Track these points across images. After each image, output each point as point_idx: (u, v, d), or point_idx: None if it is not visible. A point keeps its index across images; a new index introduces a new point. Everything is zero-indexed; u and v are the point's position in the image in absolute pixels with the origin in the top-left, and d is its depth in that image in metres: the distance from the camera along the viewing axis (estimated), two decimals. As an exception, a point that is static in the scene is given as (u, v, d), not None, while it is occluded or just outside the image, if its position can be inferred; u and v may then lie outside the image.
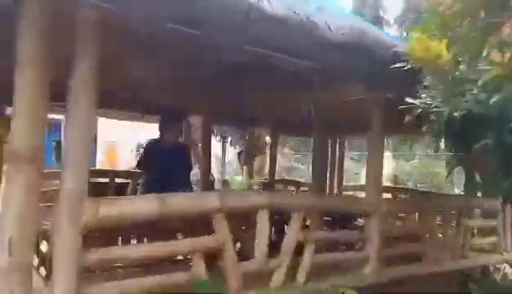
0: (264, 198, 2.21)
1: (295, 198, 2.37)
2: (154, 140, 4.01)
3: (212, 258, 2.10)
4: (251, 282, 2.18)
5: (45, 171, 1.68)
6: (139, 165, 3.92)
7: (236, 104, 5.57)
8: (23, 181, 1.59)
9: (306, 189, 5.89)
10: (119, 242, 2.57)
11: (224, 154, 19.66)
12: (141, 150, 3.95)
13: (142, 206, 1.87)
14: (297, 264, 2.44)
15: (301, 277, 2.45)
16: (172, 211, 1.92)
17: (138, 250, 1.91)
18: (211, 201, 2.05)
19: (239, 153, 6.30)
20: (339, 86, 3.09)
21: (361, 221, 4.72)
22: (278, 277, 2.32)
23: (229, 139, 18.40)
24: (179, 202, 1.96)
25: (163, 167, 3.57)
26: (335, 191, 6.28)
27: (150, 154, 3.85)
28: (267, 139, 7.13)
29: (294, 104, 4.94)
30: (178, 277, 1.94)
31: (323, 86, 3.48)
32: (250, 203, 2.20)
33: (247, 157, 6.57)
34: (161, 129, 3.96)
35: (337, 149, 6.88)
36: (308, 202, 2.40)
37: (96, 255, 1.80)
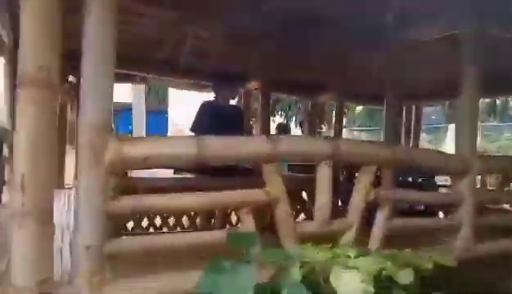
0: (327, 144, 1.79)
1: (367, 147, 1.91)
2: (209, 101, 3.80)
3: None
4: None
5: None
6: (193, 126, 3.69)
7: (299, 68, 5.15)
8: (33, 110, 1.34)
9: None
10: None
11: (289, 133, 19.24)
12: (197, 112, 3.71)
13: (178, 146, 1.56)
14: (367, 232, 2.01)
15: (373, 246, 2.01)
16: (212, 154, 1.58)
17: (177, 199, 1.60)
18: (259, 144, 1.69)
19: (300, 123, 5.83)
20: (424, 22, 2.53)
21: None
22: (345, 242, 1.91)
23: (293, 118, 17.93)
24: (220, 144, 1.61)
25: (217, 126, 3.31)
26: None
27: (204, 113, 3.63)
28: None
29: (364, 63, 4.40)
30: (221, 234, 1.60)
31: (401, 27, 2.93)
32: (309, 150, 1.79)
33: (310, 130, 6.10)
34: (215, 91, 3.79)
35: (412, 120, 6.14)
36: (384, 152, 1.93)
37: (128, 202, 1.53)
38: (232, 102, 4.64)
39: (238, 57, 5.10)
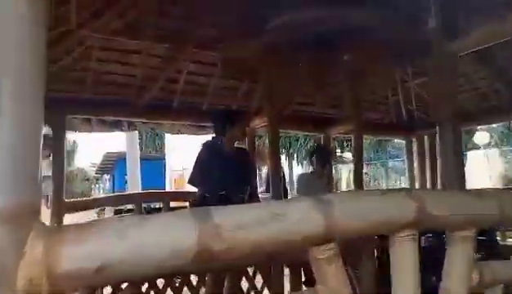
0: (409, 203, 1.10)
1: (468, 202, 1.22)
2: (209, 142, 3.13)
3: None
4: None
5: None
6: (193, 178, 2.99)
7: (312, 100, 4.57)
8: None
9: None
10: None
11: (291, 172, 18.62)
12: (194, 159, 3.02)
13: (166, 234, 0.86)
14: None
15: None
16: (225, 245, 0.88)
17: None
18: (306, 218, 0.99)
19: (310, 156, 5.01)
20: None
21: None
22: None
23: (295, 156, 17.34)
24: (239, 222, 0.91)
25: (222, 177, 2.64)
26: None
27: (206, 160, 2.95)
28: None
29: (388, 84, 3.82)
30: None
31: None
32: (385, 215, 1.09)
33: (323, 169, 5.38)
34: (216, 131, 3.14)
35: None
36: (489, 207, 1.23)
37: None
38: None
39: (241, 91, 4.54)
